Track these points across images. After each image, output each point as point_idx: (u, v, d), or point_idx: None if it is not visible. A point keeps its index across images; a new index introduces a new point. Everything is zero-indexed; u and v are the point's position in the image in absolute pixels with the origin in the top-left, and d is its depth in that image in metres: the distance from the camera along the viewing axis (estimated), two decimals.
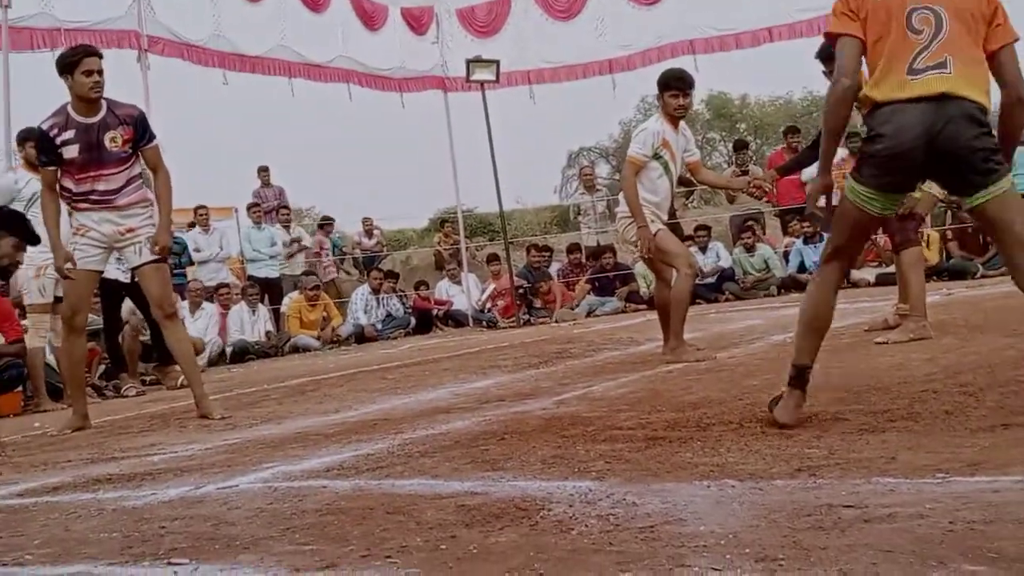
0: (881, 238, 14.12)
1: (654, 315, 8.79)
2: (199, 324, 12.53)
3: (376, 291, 14.57)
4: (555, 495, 3.00)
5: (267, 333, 13.79)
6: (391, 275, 15.54)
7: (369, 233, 18.26)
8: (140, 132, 6.11)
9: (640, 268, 14.52)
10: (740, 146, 17.06)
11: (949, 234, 13.96)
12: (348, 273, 17.57)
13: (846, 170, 4.85)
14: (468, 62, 13.74)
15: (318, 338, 13.91)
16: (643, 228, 6.64)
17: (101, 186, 6.09)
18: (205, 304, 13.01)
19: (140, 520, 3.26)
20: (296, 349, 13.51)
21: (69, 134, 5.96)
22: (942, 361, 5.09)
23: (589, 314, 14.09)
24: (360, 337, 14.09)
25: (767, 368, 5.59)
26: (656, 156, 6.81)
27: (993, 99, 3.75)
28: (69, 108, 6.02)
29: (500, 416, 4.83)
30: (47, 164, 6.04)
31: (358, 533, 2.78)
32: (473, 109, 14.13)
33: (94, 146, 5.99)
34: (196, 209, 14.66)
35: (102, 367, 10.21)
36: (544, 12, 14.89)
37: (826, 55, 6.25)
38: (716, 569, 2.16)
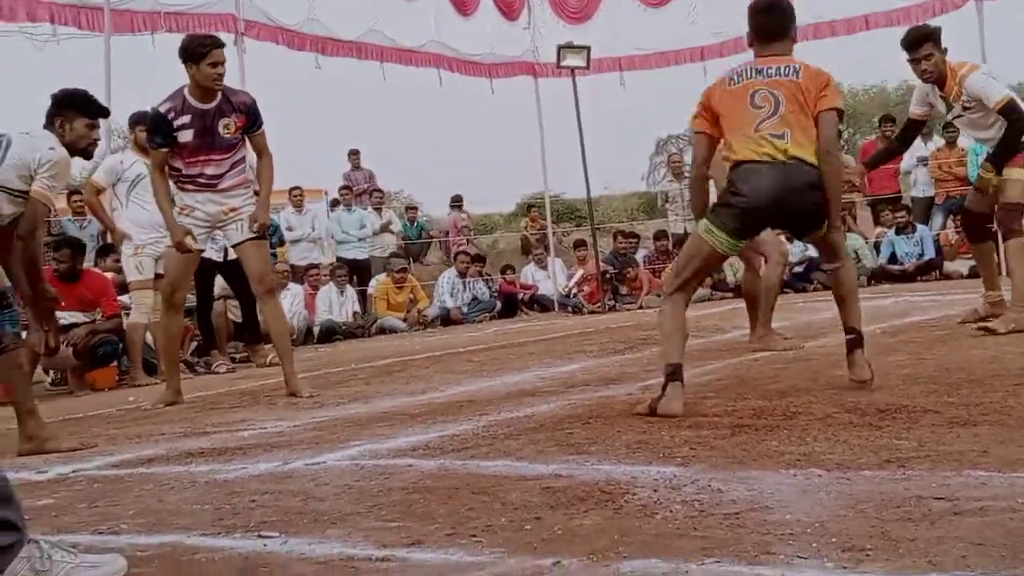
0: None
1: (740, 303, 8.70)
2: (284, 304, 12.65)
3: (463, 274, 14.63)
4: (639, 479, 3.01)
5: (354, 314, 13.91)
6: (478, 259, 15.59)
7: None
8: (252, 120, 6.24)
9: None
10: None
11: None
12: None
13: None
14: (559, 48, 13.70)
15: (404, 320, 14.01)
16: None
17: (210, 170, 6.22)
18: (292, 285, 13.16)
19: (231, 493, 3.33)
20: (383, 330, 13.61)
21: (185, 119, 6.08)
22: None
23: None
24: (446, 320, 14.16)
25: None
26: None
27: None
28: (186, 93, 6.13)
29: (585, 400, 4.83)
30: (161, 146, 6.15)
31: (443, 512, 2.81)
32: (563, 95, 14.10)
33: (208, 132, 6.12)
34: (291, 191, 14.87)
35: (194, 344, 10.39)
36: None
37: (910, 43, 6.42)
38: (802, 557, 2.15)
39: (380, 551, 2.47)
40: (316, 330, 13.04)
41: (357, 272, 14.87)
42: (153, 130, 6.22)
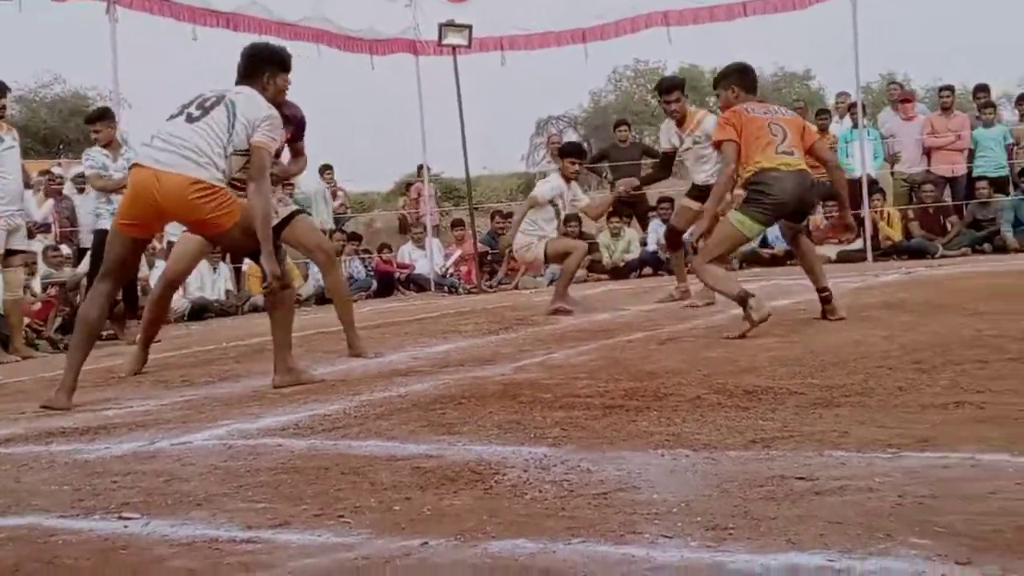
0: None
1: (617, 284, 8.80)
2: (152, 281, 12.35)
3: (339, 253, 14.49)
4: (510, 460, 3.01)
5: (227, 291, 13.70)
6: (354, 237, 15.47)
7: (333, 195, 18.16)
8: (299, 134, 6.30)
9: (604, 238, 14.56)
10: None
11: (911, 214, 14.06)
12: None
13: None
14: (440, 26, 13.64)
15: None
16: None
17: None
18: (158, 262, 12.87)
19: (92, 474, 3.24)
20: (256, 309, 13.41)
21: None
22: (899, 339, 5.14)
23: (551, 282, 14.08)
24: (321, 299, 14.00)
25: (727, 341, 5.62)
26: (551, 203, 8.78)
27: None
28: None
29: (459, 380, 4.83)
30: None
31: (312, 492, 2.78)
32: (444, 74, 14.06)
33: None
34: None
35: (59, 320, 10.12)
36: None
37: (663, 89, 8.77)
38: (667, 536, 2.17)
39: (245, 532, 2.43)
40: (187, 308, 12.78)
41: None
42: None
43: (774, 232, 14.07)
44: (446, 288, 14.42)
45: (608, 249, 14.47)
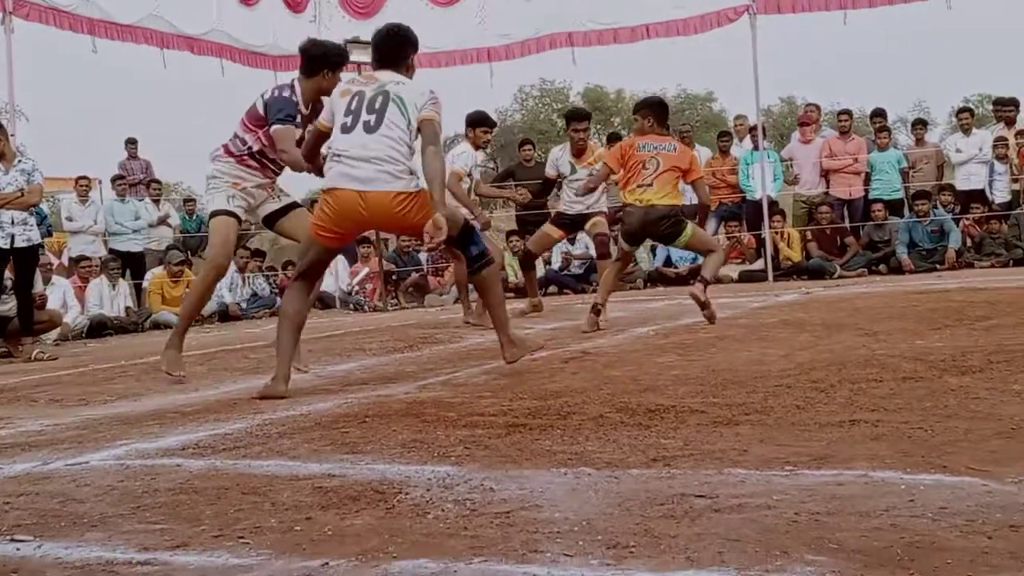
0: (745, 236, 14.49)
1: (520, 302, 8.86)
2: (54, 298, 12.06)
3: (242, 270, 14.35)
4: (413, 479, 3.00)
5: (127, 308, 13.47)
6: (258, 254, 15.33)
7: None
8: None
9: (508, 258, 14.61)
10: (613, 139, 17.21)
11: (809, 235, 14.35)
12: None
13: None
14: (345, 42, 13.58)
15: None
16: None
17: (273, 156, 6.24)
18: (56, 279, 12.60)
19: None
20: (157, 325, 13.21)
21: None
22: (797, 358, 5.23)
23: (457, 300, 14.09)
24: (224, 315, 13.86)
25: (629, 360, 5.67)
26: (469, 175, 9.04)
27: None
28: (296, 90, 6.19)
29: (362, 399, 4.80)
30: (290, 122, 6.07)
31: (211, 513, 2.74)
32: None
33: (293, 119, 6.14)
34: (77, 179, 14.46)
35: None
36: None
37: (579, 118, 9.76)
38: (568, 555, 2.18)
39: (142, 554, 2.39)
40: (85, 324, 12.52)
41: (131, 265, 14.44)
42: (286, 110, 6.08)
43: (678, 253, 14.33)
44: (351, 306, 14.34)
45: (512, 268, 14.52)
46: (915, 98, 50.09)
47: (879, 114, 15.48)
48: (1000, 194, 14.26)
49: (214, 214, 6.27)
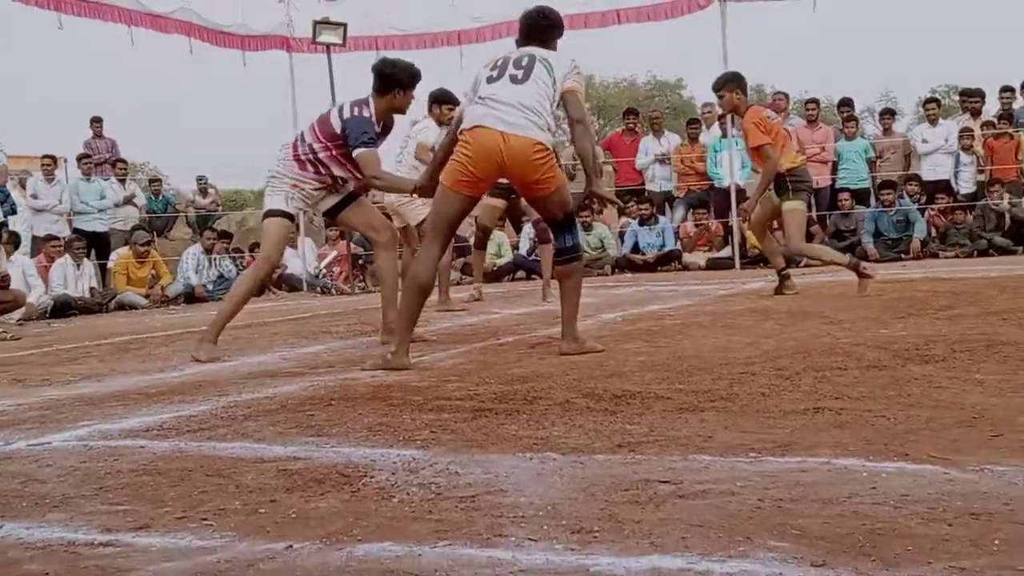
0: (713, 223, 14.53)
1: (489, 288, 8.84)
2: (14, 277, 11.91)
3: (209, 251, 14.28)
4: (378, 462, 3.00)
5: (92, 289, 13.37)
6: (225, 235, 15.25)
7: (204, 192, 17.88)
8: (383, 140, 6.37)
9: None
10: None
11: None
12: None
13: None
14: (315, 23, 13.51)
15: (146, 296, 13.56)
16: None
17: (343, 174, 6.24)
18: (16, 256, 12.47)
19: None
20: (122, 306, 13.14)
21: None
22: (763, 345, 5.25)
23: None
24: (190, 297, 13.80)
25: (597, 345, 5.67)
26: (432, 148, 8.28)
27: None
28: (371, 108, 6.09)
29: (328, 382, 4.79)
30: (375, 145, 6.09)
31: (175, 495, 2.73)
32: (318, 72, 13.93)
33: (375, 141, 6.13)
34: (42, 158, 14.36)
35: None
36: None
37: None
38: (533, 539, 2.19)
39: (104, 535, 2.38)
40: (49, 304, 12.42)
41: (96, 245, 14.34)
42: (369, 132, 6.04)
43: (646, 239, 14.37)
44: (318, 289, 14.30)
45: (490, 256, 14.53)
46: (883, 88, 50.37)
47: (846, 103, 15.55)
48: (965, 185, 14.40)
49: (270, 213, 6.27)
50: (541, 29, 5.51)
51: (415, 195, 6.13)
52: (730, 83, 8.37)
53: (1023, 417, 3.18)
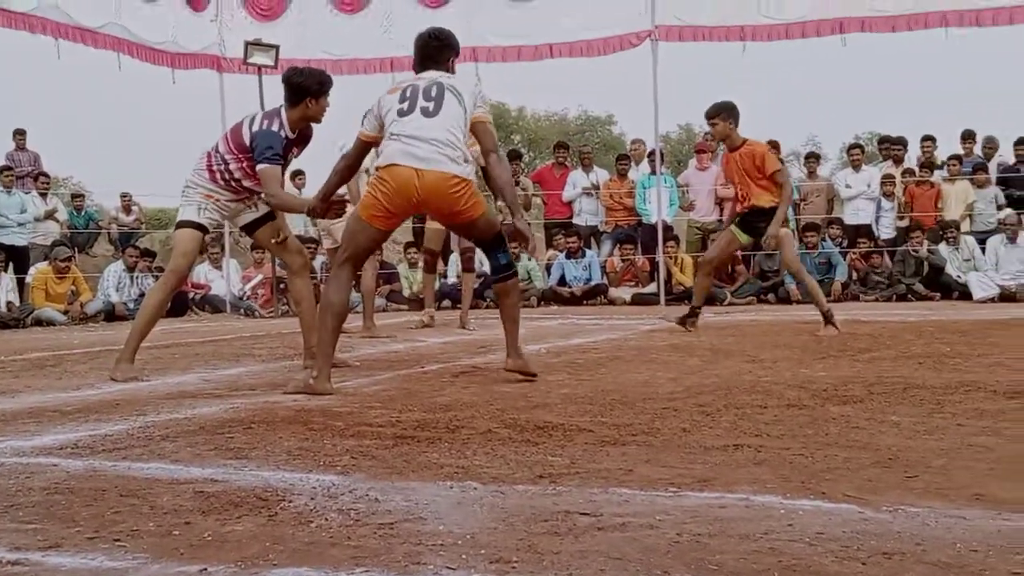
0: (640, 259, 14.64)
1: (414, 315, 8.83)
2: None
3: (131, 269, 14.08)
4: (297, 487, 2.97)
5: (8, 303, 13.12)
6: (148, 253, 15.05)
7: (127, 209, 17.65)
8: (303, 149, 6.34)
9: (403, 269, 14.58)
10: (513, 156, 17.31)
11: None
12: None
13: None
14: (247, 44, 13.40)
15: (65, 312, 13.34)
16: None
17: (252, 185, 6.15)
18: None
19: None
20: (39, 322, 12.90)
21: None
22: (686, 381, 5.30)
23: (351, 311, 14.00)
24: (110, 315, 13.57)
25: (520, 375, 5.67)
26: (367, 171, 8.18)
27: None
28: (283, 119, 6.02)
29: (249, 405, 4.74)
30: (277, 162, 5.99)
31: (87, 514, 2.68)
32: (248, 93, 13.82)
33: (282, 158, 6.06)
34: None
35: None
36: (330, 3, 14.69)
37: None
38: (451, 568, 2.18)
39: (12, 554, 2.33)
40: None
41: (15, 259, 14.08)
42: (277, 150, 5.97)
43: (572, 272, 14.43)
44: (242, 311, 14.16)
45: (407, 280, 14.50)
46: (808, 132, 51.24)
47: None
48: (886, 230, 14.68)
49: (182, 224, 6.21)
50: (436, 50, 5.54)
51: (308, 215, 6.19)
52: (724, 112, 8.47)
53: (937, 459, 3.23)
